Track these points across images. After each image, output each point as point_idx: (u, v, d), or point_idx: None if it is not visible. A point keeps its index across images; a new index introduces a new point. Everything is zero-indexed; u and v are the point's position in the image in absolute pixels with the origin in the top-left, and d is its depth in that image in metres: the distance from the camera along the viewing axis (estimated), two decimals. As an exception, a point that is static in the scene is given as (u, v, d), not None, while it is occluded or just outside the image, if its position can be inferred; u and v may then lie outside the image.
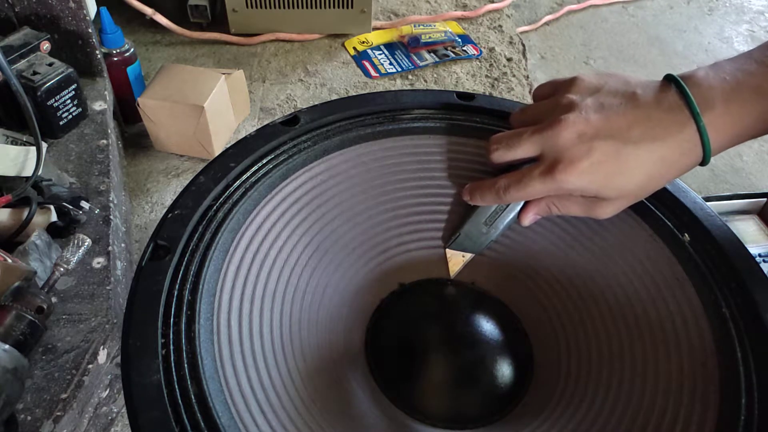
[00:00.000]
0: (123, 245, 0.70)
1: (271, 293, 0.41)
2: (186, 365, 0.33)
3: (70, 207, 0.65)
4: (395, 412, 0.42)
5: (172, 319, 0.35)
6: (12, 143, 0.70)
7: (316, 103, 1.08)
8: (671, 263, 0.43)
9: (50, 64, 0.74)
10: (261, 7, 1.14)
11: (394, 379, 0.44)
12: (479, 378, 0.43)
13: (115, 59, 0.90)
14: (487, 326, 0.46)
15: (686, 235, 0.44)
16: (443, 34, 1.22)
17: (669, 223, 0.45)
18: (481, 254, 0.51)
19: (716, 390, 0.36)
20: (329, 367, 0.42)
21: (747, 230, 0.93)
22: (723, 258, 0.42)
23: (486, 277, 0.51)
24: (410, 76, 1.14)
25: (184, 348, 0.34)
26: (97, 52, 0.85)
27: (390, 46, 1.20)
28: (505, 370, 0.44)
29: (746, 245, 0.43)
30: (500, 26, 1.29)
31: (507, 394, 0.44)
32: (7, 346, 0.45)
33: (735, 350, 0.37)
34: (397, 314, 0.47)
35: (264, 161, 0.45)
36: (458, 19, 1.29)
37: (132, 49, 0.92)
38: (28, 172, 0.66)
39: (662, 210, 0.46)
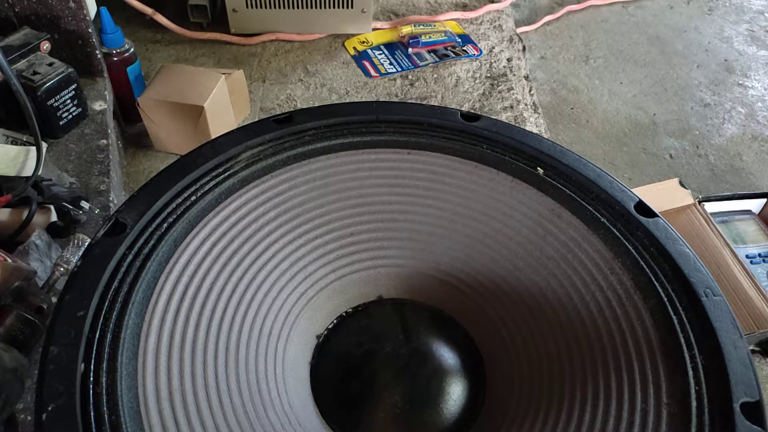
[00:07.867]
0: (123, 245, 0.70)
1: (202, 348, 0.37)
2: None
3: (70, 207, 0.65)
4: None
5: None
6: (12, 143, 0.70)
7: (315, 103, 1.08)
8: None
9: (50, 64, 0.74)
10: (261, 7, 1.14)
11: (346, 418, 0.42)
12: (432, 408, 0.42)
13: (115, 59, 0.90)
14: (436, 348, 0.44)
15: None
16: (443, 34, 1.22)
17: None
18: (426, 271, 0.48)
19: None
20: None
21: (747, 230, 0.92)
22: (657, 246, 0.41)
23: (434, 294, 0.48)
24: (410, 76, 1.14)
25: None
26: (97, 52, 0.85)
27: (390, 46, 1.20)
28: (456, 394, 0.42)
29: (746, 245, 0.42)
30: (500, 26, 1.29)
31: (458, 420, 0.42)
32: (6, 346, 0.45)
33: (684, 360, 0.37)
34: (342, 347, 0.45)
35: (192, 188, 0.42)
36: (458, 19, 1.29)
37: (132, 49, 0.92)
38: (28, 172, 0.66)
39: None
